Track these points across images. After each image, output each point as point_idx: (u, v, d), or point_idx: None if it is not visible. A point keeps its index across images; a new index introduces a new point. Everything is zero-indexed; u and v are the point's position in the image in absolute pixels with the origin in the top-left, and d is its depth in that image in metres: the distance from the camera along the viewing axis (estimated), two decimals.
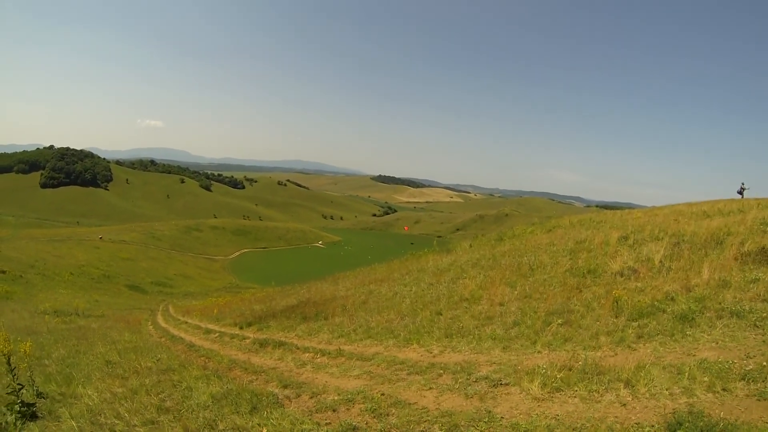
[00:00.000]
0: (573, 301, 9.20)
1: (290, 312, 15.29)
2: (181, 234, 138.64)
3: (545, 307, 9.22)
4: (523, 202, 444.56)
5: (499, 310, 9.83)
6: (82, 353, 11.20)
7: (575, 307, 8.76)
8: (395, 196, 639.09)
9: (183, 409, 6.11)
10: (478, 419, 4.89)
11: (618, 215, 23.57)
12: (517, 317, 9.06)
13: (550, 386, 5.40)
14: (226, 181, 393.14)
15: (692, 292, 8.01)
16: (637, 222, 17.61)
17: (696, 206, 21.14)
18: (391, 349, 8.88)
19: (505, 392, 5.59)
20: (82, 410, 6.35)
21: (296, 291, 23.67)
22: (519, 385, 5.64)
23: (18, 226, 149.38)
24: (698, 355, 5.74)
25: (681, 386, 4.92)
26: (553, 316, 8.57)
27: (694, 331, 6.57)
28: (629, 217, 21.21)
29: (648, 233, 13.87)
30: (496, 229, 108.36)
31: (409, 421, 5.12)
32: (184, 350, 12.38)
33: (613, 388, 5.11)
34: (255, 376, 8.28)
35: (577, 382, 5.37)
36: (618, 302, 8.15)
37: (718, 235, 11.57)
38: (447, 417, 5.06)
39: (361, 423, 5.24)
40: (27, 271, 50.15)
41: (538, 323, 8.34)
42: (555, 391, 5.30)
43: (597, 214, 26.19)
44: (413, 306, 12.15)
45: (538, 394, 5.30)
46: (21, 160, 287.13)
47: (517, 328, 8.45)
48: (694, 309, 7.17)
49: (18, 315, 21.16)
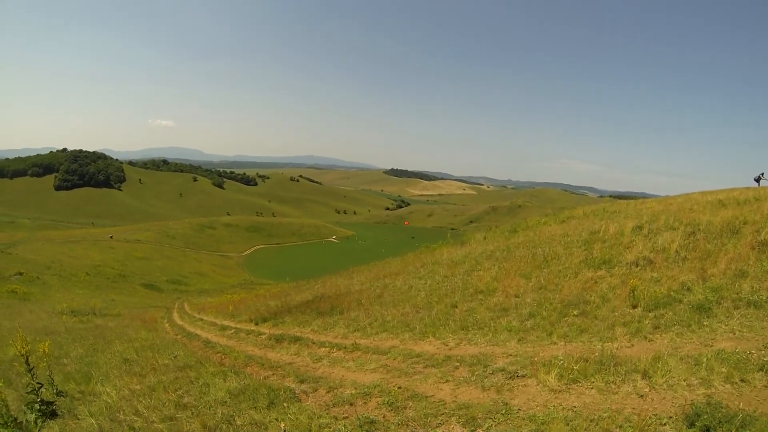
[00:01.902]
0: (588, 292, 9.16)
1: (305, 307, 15.32)
2: (195, 232, 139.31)
3: (560, 298, 9.19)
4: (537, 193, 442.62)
5: (515, 302, 9.80)
6: (99, 352, 11.31)
7: (591, 298, 8.73)
8: (408, 189, 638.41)
9: (201, 405, 6.17)
10: (495, 411, 4.90)
11: (632, 205, 23.41)
12: (532, 309, 9.03)
13: (566, 378, 5.39)
14: (239, 179, 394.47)
15: (708, 282, 7.95)
16: (652, 212, 17.48)
17: (711, 195, 20.93)
18: (407, 343, 8.89)
19: (522, 384, 5.58)
20: (101, 408, 6.42)
21: (311, 286, 23.70)
22: (535, 377, 5.63)
23: (34, 228, 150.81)
24: (715, 346, 5.71)
25: (699, 377, 4.90)
26: (568, 307, 8.54)
27: (711, 322, 6.53)
28: (643, 207, 21.06)
29: (663, 223, 13.76)
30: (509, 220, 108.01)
31: (426, 414, 5.13)
32: (201, 347, 12.45)
33: (630, 380, 5.10)
34: (271, 371, 8.29)
35: (594, 373, 5.36)
36: (634, 293, 8.11)
37: (734, 224, 11.45)
38: (464, 409, 5.07)
39: (378, 416, 5.25)
40: (44, 272, 50.64)
41: (554, 315, 8.33)
42: (572, 383, 5.29)
43: (611, 204, 26.04)
44: (428, 299, 12.14)
45: (554, 385, 5.29)
46: (35, 163, 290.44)
47: (532, 320, 8.43)
48: (711, 299, 7.12)
49: (36, 315, 21.38)
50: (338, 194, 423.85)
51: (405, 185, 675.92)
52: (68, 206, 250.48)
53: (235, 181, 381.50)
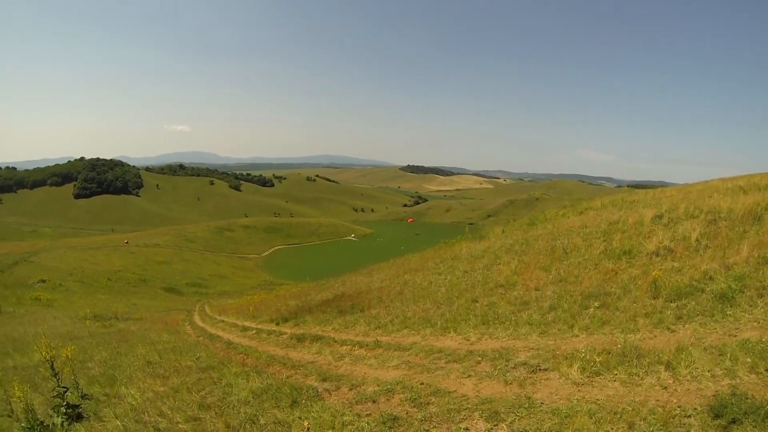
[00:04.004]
0: (609, 284, 9.08)
1: (326, 306, 15.37)
2: (214, 235, 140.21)
3: (581, 290, 9.14)
4: (554, 185, 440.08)
5: (535, 295, 9.77)
6: (123, 355, 11.45)
7: (612, 290, 8.66)
8: (425, 185, 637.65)
9: (224, 405, 6.23)
10: (518, 405, 4.90)
11: (650, 194, 23.20)
12: (553, 301, 8.99)
13: (589, 370, 5.37)
14: (255, 180, 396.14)
15: (731, 270, 7.85)
16: (671, 200, 17.31)
17: (731, 181, 20.67)
18: (428, 339, 8.90)
19: (544, 378, 5.58)
20: (126, 409, 6.51)
21: (331, 285, 23.76)
22: (558, 370, 5.63)
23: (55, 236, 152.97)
24: (740, 336, 5.64)
25: (723, 368, 4.85)
26: (589, 299, 8.49)
27: (735, 311, 6.46)
28: (662, 196, 20.87)
29: (683, 211, 13.61)
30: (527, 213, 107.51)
31: (449, 409, 5.15)
32: (223, 348, 12.55)
33: (653, 371, 5.06)
34: (294, 370, 8.34)
35: (617, 365, 5.33)
36: (655, 283, 8.02)
37: (755, 211, 11.30)
38: (487, 404, 5.08)
39: (401, 413, 5.28)
40: (66, 279, 51.37)
41: (575, 307, 8.28)
42: (594, 376, 5.27)
43: (629, 194, 25.83)
44: (449, 294, 12.12)
45: (577, 378, 5.28)
46: (54, 173, 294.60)
47: (553, 313, 8.40)
48: (734, 288, 7.04)
49: (60, 321, 21.69)
50: (355, 192, 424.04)
51: (422, 181, 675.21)
52: (88, 214, 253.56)
53: (251, 183, 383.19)
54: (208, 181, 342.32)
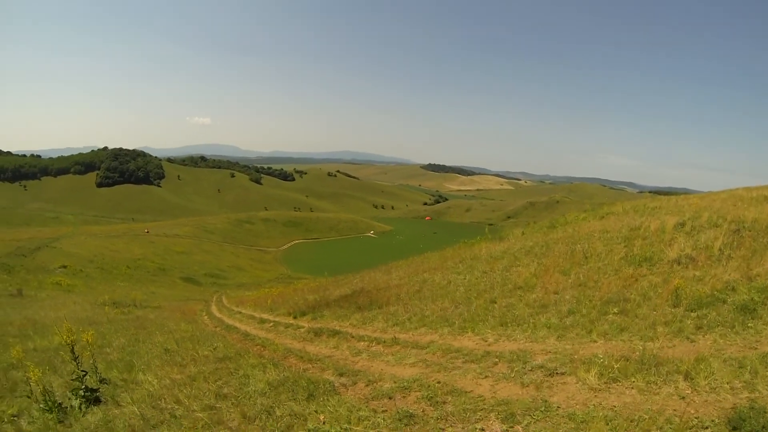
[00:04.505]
0: (629, 290, 9.03)
1: (344, 301, 15.43)
2: (233, 227, 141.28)
3: (600, 295, 9.10)
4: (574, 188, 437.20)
5: (554, 299, 9.75)
6: (141, 342, 11.63)
7: (631, 296, 8.60)
8: (446, 184, 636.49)
9: (241, 396, 6.31)
10: (535, 408, 4.90)
11: (673, 201, 22.96)
12: (571, 306, 8.96)
13: (606, 376, 5.36)
14: (276, 174, 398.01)
15: (754, 281, 7.78)
16: (694, 208, 17.13)
17: (756, 190, 20.38)
18: (446, 338, 8.91)
19: (561, 382, 5.57)
20: (143, 395, 6.63)
21: (349, 281, 23.80)
22: (575, 375, 5.62)
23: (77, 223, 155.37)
24: (760, 349, 5.60)
25: (742, 380, 4.81)
26: (608, 305, 8.45)
27: (756, 323, 6.40)
28: (685, 203, 20.65)
29: (706, 219, 13.48)
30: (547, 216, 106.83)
31: (465, 409, 5.16)
32: (240, 339, 12.66)
33: (671, 381, 5.03)
34: (310, 364, 8.39)
35: (635, 373, 5.31)
36: (676, 291, 7.96)
37: None
38: (503, 406, 5.09)
39: (417, 410, 5.30)
40: (87, 265, 52.23)
41: (594, 312, 8.25)
42: (612, 382, 5.26)
43: (651, 200, 25.58)
44: (467, 294, 12.12)
45: (594, 384, 5.27)
46: (77, 161, 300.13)
47: (572, 317, 8.37)
48: (756, 300, 6.97)
49: (80, 307, 22.04)
50: (376, 189, 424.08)
51: (443, 180, 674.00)
52: (109, 202, 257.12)
53: (272, 177, 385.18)
54: (229, 173, 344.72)
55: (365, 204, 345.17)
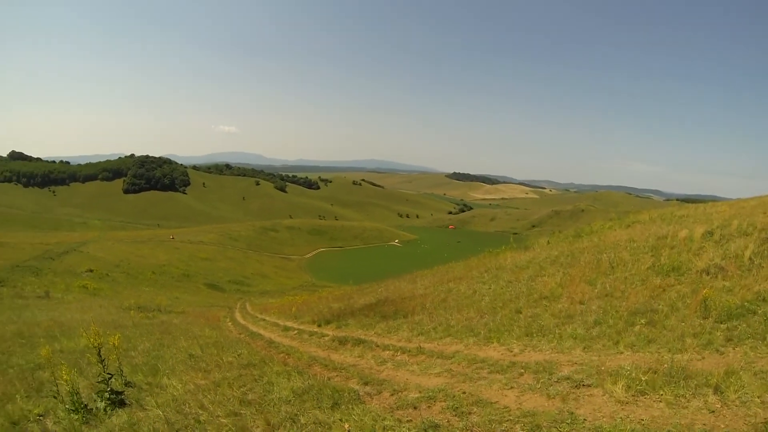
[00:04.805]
0: (656, 301, 8.92)
1: (369, 310, 15.46)
2: (258, 234, 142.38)
3: (627, 306, 9.00)
4: (599, 196, 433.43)
5: (580, 309, 9.67)
6: (165, 346, 11.77)
7: (659, 307, 8.49)
8: (470, 193, 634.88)
9: (265, 403, 6.34)
10: (561, 420, 4.86)
11: (701, 209, 22.67)
12: (598, 316, 8.87)
13: (634, 389, 5.29)
14: (301, 182, 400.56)
15: None
16: (723, 216, 16.89)
17: None
18: (471, 348, 8.90)
19: (588, 394, 5.52)
20: (168, 399, 6.70)
21: (374, 289, 23.83)
22: (602, 387, 5.56)
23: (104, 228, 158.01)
24: None
25: None
26: (635, 315, 8.35)
27: None
28: (713, 211, 20.37)
29: (735, 228, 13.26)
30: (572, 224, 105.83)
31: (490, 420, 5.14)
32: (264, 346, 12.75)
33: (700, 394, 4.95)
34: (335, 372, 8.43)
35: (663, 385, 5.23)
36: (705, 302, 7.83)
37: None
38: (529, 417, 5.06)
39: (442, 421, 5.29)
40: (113, 270, 53.05)
41: (621, 323, 8.16)
42: (639, 395, 5.19)
43: (678, 208, 25.29)
44: (493, 304, 12.08)
45: (621, 396, 5.21)
46: (105, 168, 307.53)
47: (598, 328, 8.29)
48: None
49: (105, 310, 22.40)
50: (400, 198, 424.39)
51: (467, 189, 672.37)
52: (136, 208, 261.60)
53: (297, 185, 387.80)
54: (254, 181, 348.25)
55: (390, 213, 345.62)
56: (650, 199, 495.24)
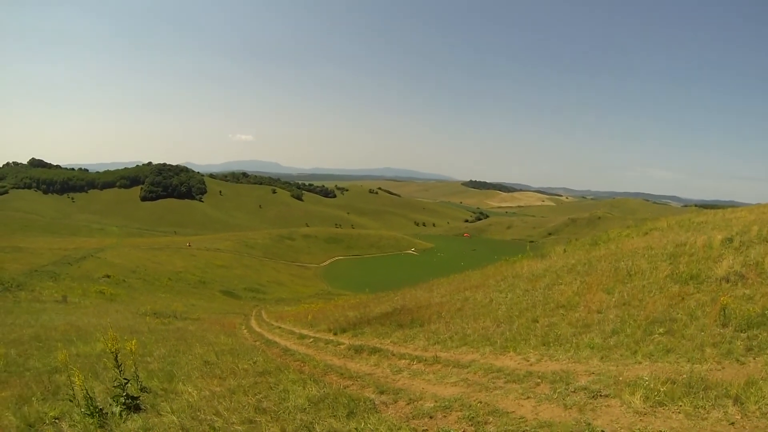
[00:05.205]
0: (675, 309, 8.82)
1: (385, 319, 15.43)
2: (274, 242, 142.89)
3: (645, 315, 8.91)
4: (616, 203, 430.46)
5: (597, 318, 9.59)
6: (181, 353, 11.78)
7: (678, 316, 8.40)
8: (487, 201, 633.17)
9: (280, 411, 6.30)
10: (578, 431, 4.83)
11: (720, 215, 22.44)
12: (615, 325, 8.80)
13: (652, 400, 5.24)
14: (317, 191, 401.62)
15: None
16: (742, 222, 16.70)
17: None
18: (487, 357, 8.86)
19: (605, 404, 5.47)
20: (183, 406, 6.69)
21: (390, 298, 23.79)
22: (619, 397, 5.51)
23: (121, 235, 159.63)
24: None
25: None
26: (654, 324, 8.27)
27: None
28: (732, 217, 20.17)
29: (755, 234, 13.10)
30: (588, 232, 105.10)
31: (506, 430, 5.12)
32: (280, 354, 12.77)
33: (720, 405, 4.89)
34: (351, 381, 8.42)
35: (682, 396, 5.18)
36: (724, 311, 7.74)
37: None
38: (545, 428, 5.02)
39: (458, 430, 5.27)
40: (129, 276, 53.57)
41: (638, 332, 8.09)
42: (658, 405, 5.13)
43: (696, 215, 25.04)
44: (509, 313, 12.03)
45: (639, 407, 5.16)
46: (123, 176, 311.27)
47: (615, 337, 8.22)
48: None
49: (121, 315, 22.56)
50: (417, 206, 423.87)
51: (484, 197, 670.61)
52: (153, 215, 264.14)
53: (313, 193, 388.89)
54: (271, 189, 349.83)
55: (406, 221, 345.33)
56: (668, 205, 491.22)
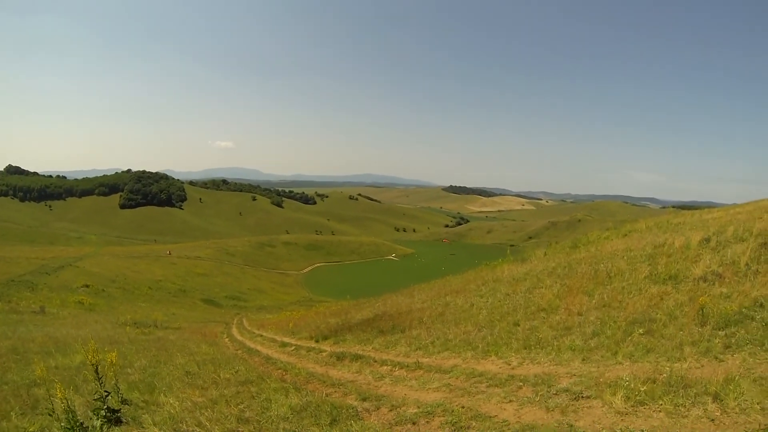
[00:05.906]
0: (654, 310, 8.89)
1: (366, 325, 15.40)
2: (254, 250, 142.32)
3: (625, 316, 8.96)
4: (596, 206, 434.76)
5: (578, 320, 9.64)
6: (162, 363, 11.65)
7: (657, 316, 8.47)
8: (467, 206, 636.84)
9: (263, 420, 6.25)
10: None
11: (696, 215, 22.71)
12: (596, 327, 8.84)
13: (633, 399, 5.27)
14: (298, 197, 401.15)
15: None
16: (718, 222, 16.90)
17: None
18: (469, 362, 8.87)
19: (587, 405, 5.49)
20: (165, 417, 6.60)
21: (371, 304, 23.75)
22: (601, 398, 5.53)
23: (100, 243, 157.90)
24: None
25: None
26: (633, 325, 8.32)
27: None
28: (709, 217, 20.41)
29: (731, 234, 13.25)
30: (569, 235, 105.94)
31: None
32: (261, 363, 12.69)
33: (700, 402, 4.93)
34: (333, 388, 8.38)
35: (662, 395, 5.21)
36: (703, 310, 7.81)
37: None
38: (528, 430, 5.04)
39: None
40: (109, 285, 52.99)
41: (619, 333, 8.13)
42: (639, 405, 5.16)
43: (674, 216, 25.31)
44: (490, 317, 12.05)
45: (621, 407, 5.18)
46: (101, 183, 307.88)
47: (596, 339, 8.27)
48: None
49: (101, 326, 22.25)
50: (397, 212, 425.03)
51: (464, 202, 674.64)
52: (132, 223, 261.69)
53: (294, 200, 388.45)
54: (251, 196, 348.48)
55: (387, 227, 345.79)
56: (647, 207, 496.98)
